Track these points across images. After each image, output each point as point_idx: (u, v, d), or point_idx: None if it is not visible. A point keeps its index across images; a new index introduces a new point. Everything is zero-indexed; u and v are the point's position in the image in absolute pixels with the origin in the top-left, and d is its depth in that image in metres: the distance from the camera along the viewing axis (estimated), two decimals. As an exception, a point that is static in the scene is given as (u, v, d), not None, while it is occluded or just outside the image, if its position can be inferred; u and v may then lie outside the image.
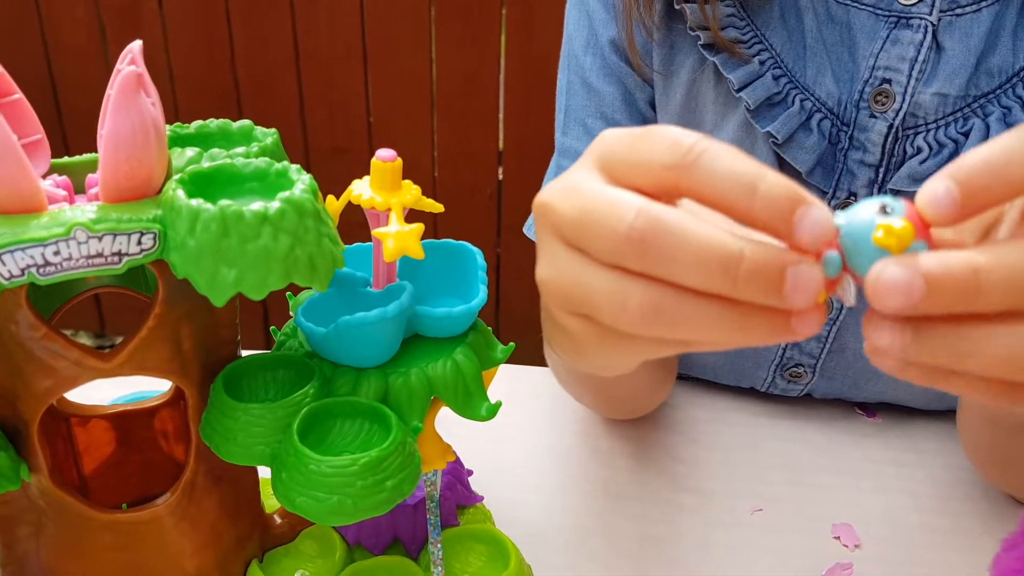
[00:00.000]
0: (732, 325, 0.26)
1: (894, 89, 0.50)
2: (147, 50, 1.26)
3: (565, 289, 0.28)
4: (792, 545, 0.50)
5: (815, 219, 0.24)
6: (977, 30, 0.49)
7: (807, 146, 0.52)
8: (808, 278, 0.24)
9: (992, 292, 0.23)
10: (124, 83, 0.31)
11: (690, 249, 0.25)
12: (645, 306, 0.26)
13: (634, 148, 0.27)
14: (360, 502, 0.34)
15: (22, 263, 0.30)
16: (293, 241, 0.32)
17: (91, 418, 0.44)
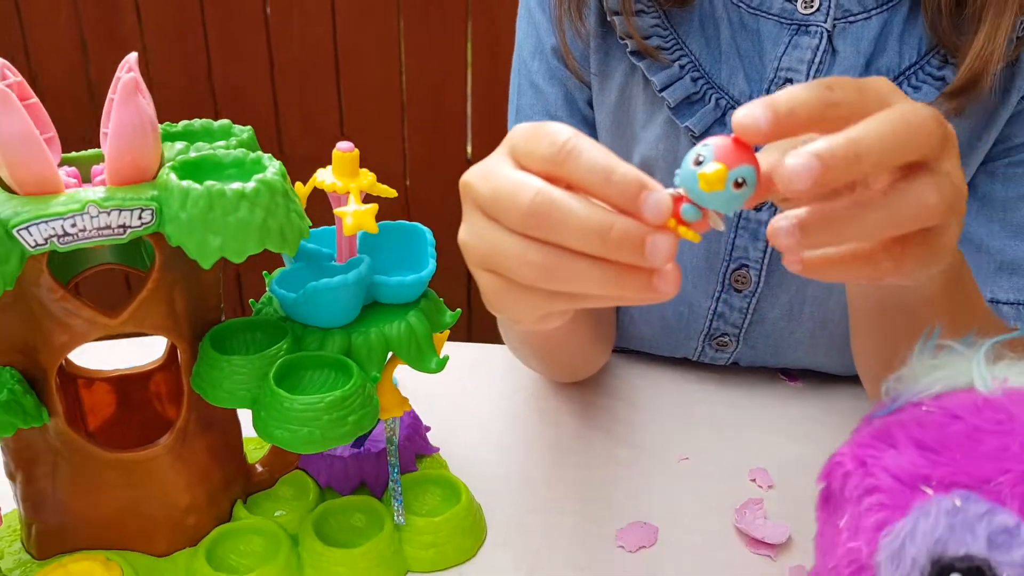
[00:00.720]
0: (608, 279, 0.33)
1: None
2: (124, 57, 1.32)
3: (481, 249, 0.36)
4: (713, 487, 0.57)
5: (654, 200, 0.31)
6: (867, 35, 0.57)
7: None
8: (662, 244, 0.32)
9: (869, 154, 0.30)
10: (125, 86, 0.38)
11: (575, 220, 0.32)
12: (542, 263, 0.33)
13: (528, 142, 0.34)
14: (327, 433, 0.41)
15: (45, 233, 0.37)
16: (266, 214, 0.39)
17: (95, 380, 0.50)
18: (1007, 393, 0.30)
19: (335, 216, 0.47)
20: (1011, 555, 0.26)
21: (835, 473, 0.31)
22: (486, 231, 0.35)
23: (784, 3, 0.58)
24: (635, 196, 0.32)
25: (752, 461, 0.59)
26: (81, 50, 1.79)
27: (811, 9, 0.57)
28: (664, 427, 0.62)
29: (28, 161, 0.37)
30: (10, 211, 0.37)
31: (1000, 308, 0.58)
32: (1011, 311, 0.58)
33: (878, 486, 0.29)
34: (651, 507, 0.54)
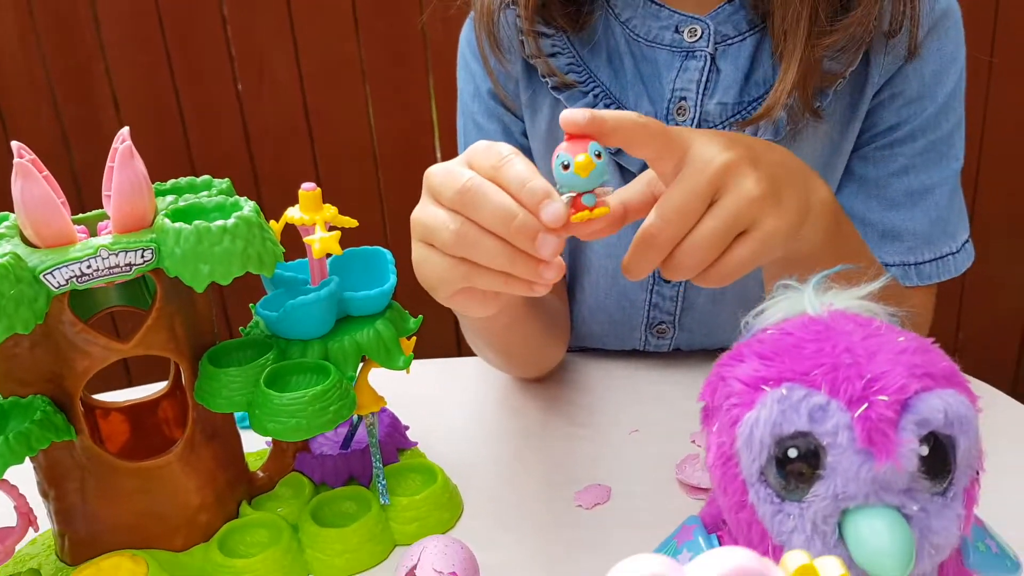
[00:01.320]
0: (504, 256, 0.43)
1: (688, 103, 0.67)
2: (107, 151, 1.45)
3: (423, 221, 0.46)
4: (659, 450, 0.64)
5: (552, 208, 0.42)
6: (743, 54, 0.67)
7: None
8: (550, 241, 0.42)
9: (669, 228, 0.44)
10: (123, 153, 0.47)
11: (490, 204, 0.42)
12: (457, 230, 0.43)
13: (480, 153, 0.45)
14: (312, 422, 0.49)
15: (66, 275, 0.45)
16: (245, 243, 0.47)
17: (111, 410, 0.58)
18: (830, 313, 0.39)
19: (304, 243, 0.55)
20: (825, 426, 0.34)
21: (707, 391, 0.39)
22: (429, 208, 0.46)
23: (674, 34, 0.68)
24: (538, 202, 0.42)
25: (693, 427, 0.66)
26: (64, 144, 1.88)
27: (695, 37, 0.67)
28: (617, 407, 0.71)
29: (49, 220, 0.46)
30: (36, 260, 0.45)
31: (890, 269, 0.67)
32: (899, 271, 0.67)
33: (733, 391, 0.37)
34: (605, 471, 0.62)
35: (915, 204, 0.67)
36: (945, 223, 0.67)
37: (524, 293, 0.45)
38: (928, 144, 0.66)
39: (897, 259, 0.67)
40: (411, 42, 1.75)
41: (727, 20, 0.67)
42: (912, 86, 0.66)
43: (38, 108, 1.87)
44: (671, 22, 0.68)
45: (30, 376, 0.49)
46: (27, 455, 0.46)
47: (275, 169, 1.89)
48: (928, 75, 0.66)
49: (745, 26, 0.67)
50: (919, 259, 0.67)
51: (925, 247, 0.67)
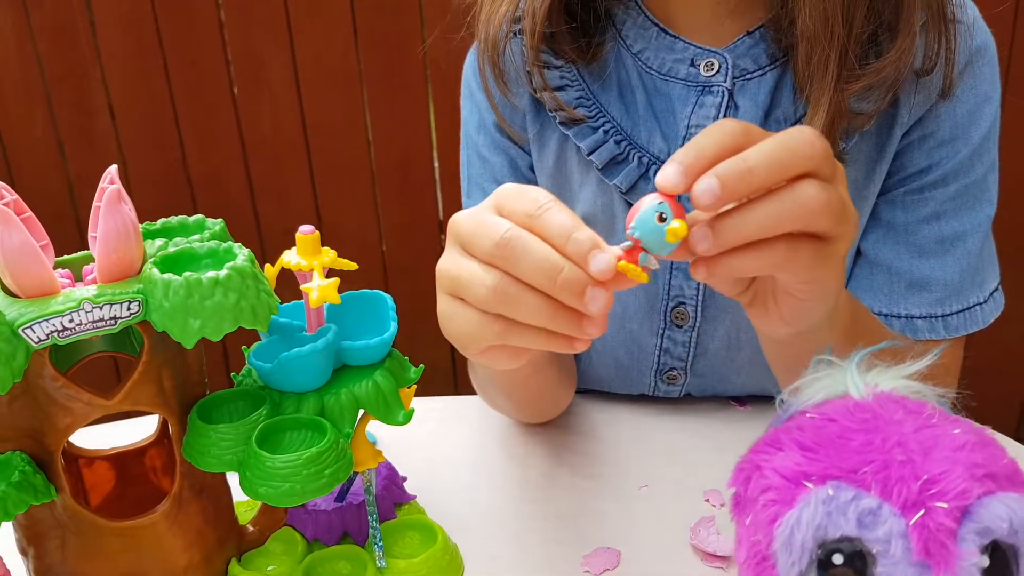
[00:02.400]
0: (548, 313, 0.39)
1: None
2: (104, 157, 1.45)
3: (452, 274, 0.42)
4: (671, 509, 0.61)
5: (602, 259, 0.38)
6: (763, 89, 0.64)
7: (648, 191, 0.66)
8: (600, 296, 0.38)
9: (758, 168, 0.37)
10: (109, 197, 0.44)
11: (532, 257, 0.39)
12: (495, 285, 0.40)
13: (512, 200, 0.41)
14: (306, 487, 0.46)
15: (47, 330, 0.42)
16: (239, 296, 0.44)
17: (95, 459, 0.55)
18: (876, 396, 0.36)
19: (302, 291, 0.52)
20: (876, 532, 0.31)
21: (739, 478, 0.36)
22: (459, 260, 0.42)
23: (689, 68, 0.65)
24: (586, 253, 0.38)
25: (706, 483, 0.64)
26: (59, 152, 1.85)
27: (712, 72, 0.64)
28: (624, 458, 0.67)
29: (28, 269, 0.42)
30: (15, 313, 0.42)
31: (915, 323, 0.64)
32: (925, 324, 0.64)
33: (770, 485, 0.34)
34: (614, 532, 0.59)
35: (946, 252, 0.64)
36: (975, 272, 0.64)
37: (563, 350, 0.41)
38: (961, 188, 0.64)
39: (925, 311, 0.64)
40: (410, 53, 1.72)
41: (746, 54, 0.64)
42: (944, 127, 0.63)
43: (33, 115, 1.84)
44: (686, 55, 0.65)
45: (8, 432, 0.46)
46: (4, 520, 0.42)
47: (271, 179, 1.86)
48: (962, 115, 0.63)
49: (765, 60, 0.64)
50: (947, 310, 0.64)
51: (954, 298, 0.64)
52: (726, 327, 0.69)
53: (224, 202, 1.86)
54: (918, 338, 0.64)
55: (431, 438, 0.71)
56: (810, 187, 0.38)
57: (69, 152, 1.86)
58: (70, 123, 1.84)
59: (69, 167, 1.87)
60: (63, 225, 1.90)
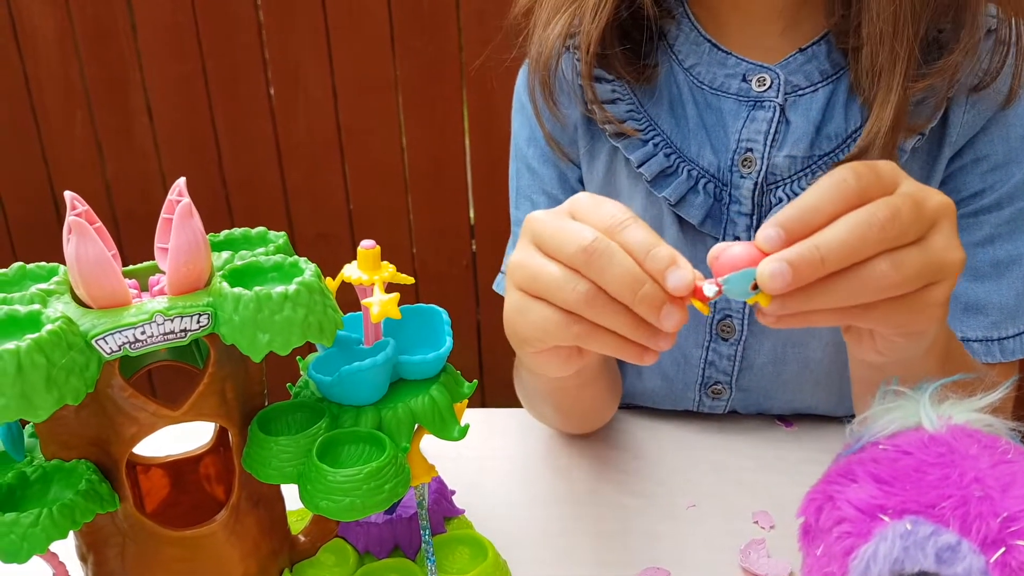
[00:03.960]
0: (627, 324, 0.41)
1: (755, 155, 0.65)
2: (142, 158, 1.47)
3: (529, 272, 0.43)
4: (719, 530, 0.61)
5: (679, 275, 0.39)
6: (815, 105, 0.64)
7: (696, 204, 0.66)
8: (676, 313, 0.40)
9: (831, 257, 0.37)
10: (182, 211, 0.44)
11: (619, 268, 0.40)
12: (586, 292, 0.41)
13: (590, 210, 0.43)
14: (366, 501, 0.46)
15: (119, 341, 0.43)
16: (307, 311, 0.45)
17: (151, 466, 0.55)
18: (950, 429, 0.35)
19: (362, 305, 0.53)
20: (955, 568, 0.31)
21: (810, 508, 0.36)
22: (537, 259, 0.43)
23: (741, 83, 0.65)
24: (664, 269, 0.39)
25: (754, 504, 0.63)
26: (98, 155, 1.88)
27: (764, 87, 0.64)
28: (671, 476, 0.67)
29: (102, 281, 0.43)
30: (88, 324, 0.43)
31: (971, 345, 0.64)
32: (980, 347, 0.64)
33: (845, 517, 0.34)
34: (663, 553, 0.59)
35: (1001, 276, 0.63)
36: None
37: (633, 360, 0.43)
38: (1016, 212, 0.63)
39: (980, 334, 0.64)
40: (446, 62, 1.73)
41: (798, 70, 0.64)
42: (998, 150, 0.62)
43: (73, 115, 1.87)
44: (738, 70, 0.65)
45: (75, 440, 0.46)
46: (71, 529, 0.43)
47: (305, 183, 1.87)
48: (1015, 138, 0.62)
49: (817, 76, 0.64)
50: (1003, 334, 0.64)
51: (1010, 322, 0.64)
52: (772, 342, 0.69)
53: (258, 204, 1.88)
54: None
55: (476, 451, 0.71)
56: (881, 264, 0.38)
57: (107, 153, 1.89)
58: (109, 124, 1.87)
59: (107, 168, 1.90)
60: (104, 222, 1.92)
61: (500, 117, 1.81)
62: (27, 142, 1.89)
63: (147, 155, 1.88)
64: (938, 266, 0.40)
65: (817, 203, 0.39)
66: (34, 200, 1.94)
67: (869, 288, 0.39)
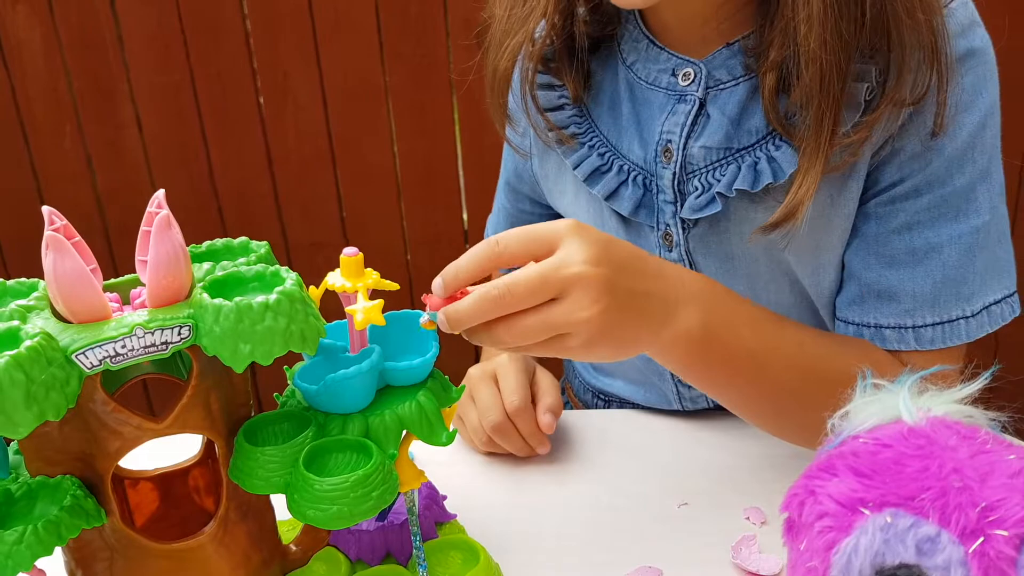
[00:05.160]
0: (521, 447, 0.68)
1: (672, 147, 0.66)
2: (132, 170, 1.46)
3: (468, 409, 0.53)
4: (711, 527, 0.61)
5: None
6: (733, 100, 0.65)
7: (626, 197, 0.69)
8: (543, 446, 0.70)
9: (464, 320, 0.51)
10: (160, 223, 0.44)
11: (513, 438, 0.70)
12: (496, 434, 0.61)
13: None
14: (354, 509, 0.46)
15: (100, 356, 0.42)
16: (288, 321, 0.45)
17: (140, 480, 0.55)
18: (929, 421, 0.35)
19: (346, 313, 0.53)
20: (935, 559, 0.31)
21: (793, 503, 0.36)
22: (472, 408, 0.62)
23: (670, 78, 0.67)
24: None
25: (745, 501, 0.63)
26: (88, 167, 1.87)
27: (688, 81, 0.66)
28: (663, 475, 0.67)
29: (81, 296, 0.43)
30: (68, 339, 0.43)
31: (884, 332, 0.63)
32: (893, 334, 0.63)
33: (826, 511, 0.34)
34: (655, 551, 0.59)
35: (917, 263, 0.62)
36: (958, 284, 0.62)
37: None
38: (936, 200, 0.62)
39: (892, 321, 0.63)
40: (436, 67, 1.73)
41: (722, 65, 0.65)
42: (913, 141, 0.61)
43: (62, 127, 1.87)
44: (669, 65, 0.68)
45: (59, 456, 0.46)
46: (57, 545, 0.43)
47: (297, 192, 1.87)
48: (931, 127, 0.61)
49: (740, 71, 0.65)
50: (919, 322, 0.62)
51: (927, 310, 0.62)
52: None
53: (250, 214, 1.88)
54: (887, 348, 0.63)
55: (465, 455, 0.71)
56: (499, 328, 0.51)
57: (97, 165, 1.88)
58: (98, 136, 1.86)
59: (97, 180, 1.89)
60: (92, 238, 1.92)
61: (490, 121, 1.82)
62: (16, 155, 1.89)
63: (137, 167, 1.87)
64: (556, 325, 0.50)
65: (463, 265, 0.52)
66: (23, 214, 1.93)
67: (500, 341, 0.51)
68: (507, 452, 0.71)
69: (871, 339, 0.64)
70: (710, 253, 0.69)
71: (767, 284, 0.69)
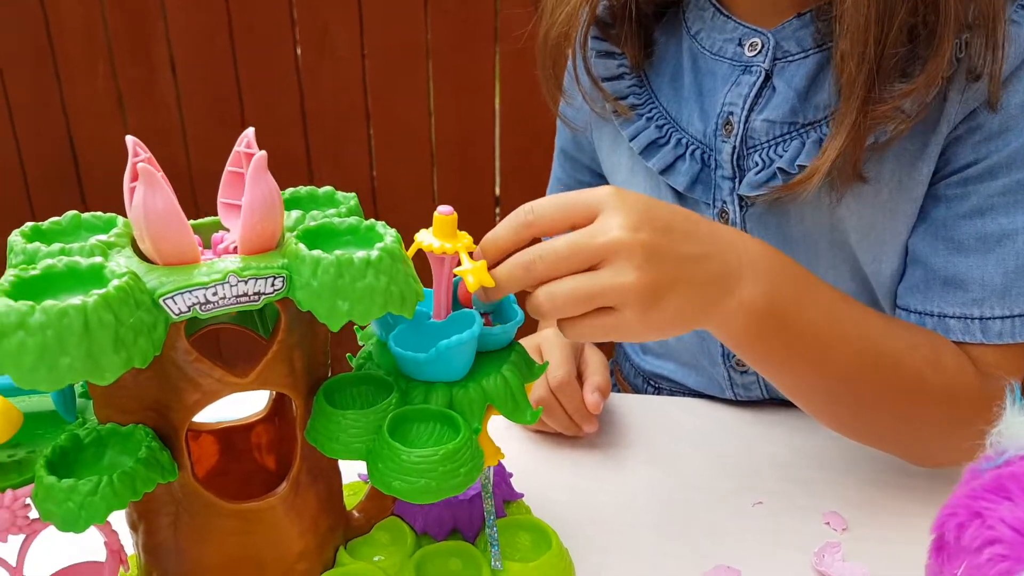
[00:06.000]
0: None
1: (734, 119, 0.63)
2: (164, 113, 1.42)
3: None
4: (789, 530, 0.58)
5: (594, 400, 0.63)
6: (801, 72, 0.62)
7: (682, 171, 0.67)
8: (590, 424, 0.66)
9: (503, 288, 0.48)
10: (257, 164, 0.41)
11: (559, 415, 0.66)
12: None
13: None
14: (442, 484, 0.43)
15: (189, 302, 0.39)
16: (389, 280, 0.41)
17: (202, 432, 0.53)
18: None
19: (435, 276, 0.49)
20: None
21: (949, 523, 0.33)
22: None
23: (736, 48, 0.65)
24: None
25: (822, 504, 0.61)
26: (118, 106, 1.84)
27: (754, 52, 0.63)
28: (734, 469, 0.64)
29: (172, 236, 0.40)
30: (155, 282, 0.40)
31: (948, 322, 0.60)
32: (958, 324, 0.60)
33: (998, 537, 0.31)
34: (732, 551, 0.56)
35: (988, 251, 0.58)
36: None
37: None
38: (1014, 183, 0.58)
39: (959, 311, 0.59)
40: (481, 27, 1.69)
41: (792, 35, 0.62)
42: (993, 120, 0.58)
43: (95, 67, 1.83)
44: (735, 35, 0.65)
45: (132, 404, 0.43)
46: (131, 499, 0.40)
47: (328, 147, 1.84)
48: (1015, 106, 0.57)
49: (810, 42, 0.62)
50: (987, 314, 0.58)
51: (996, 301, 0.58)
52: None
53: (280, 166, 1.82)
54: (950, 339, 0.60)
55: (516, 431, 0.68)
56: (538, 295, 0.48)
57: (129, 106, 1.85)
58: (131, 77, 1.83)
59: (128, 120, 1.86)
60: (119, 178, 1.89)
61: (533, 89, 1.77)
62: (47, 93, 1.85)
63: (168, 110, 1.84)
64: (597, 293, 0.46)
65: (500, 234, 0.48)
66: (52, 151, 1.90)
67: (542, 312, 0.48)
68: (554, 431, 0.68)
69: (933, 328, 0.61)
70: (768, 234, 0.65)
71: (827, 270, 0.66)
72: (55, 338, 0.35)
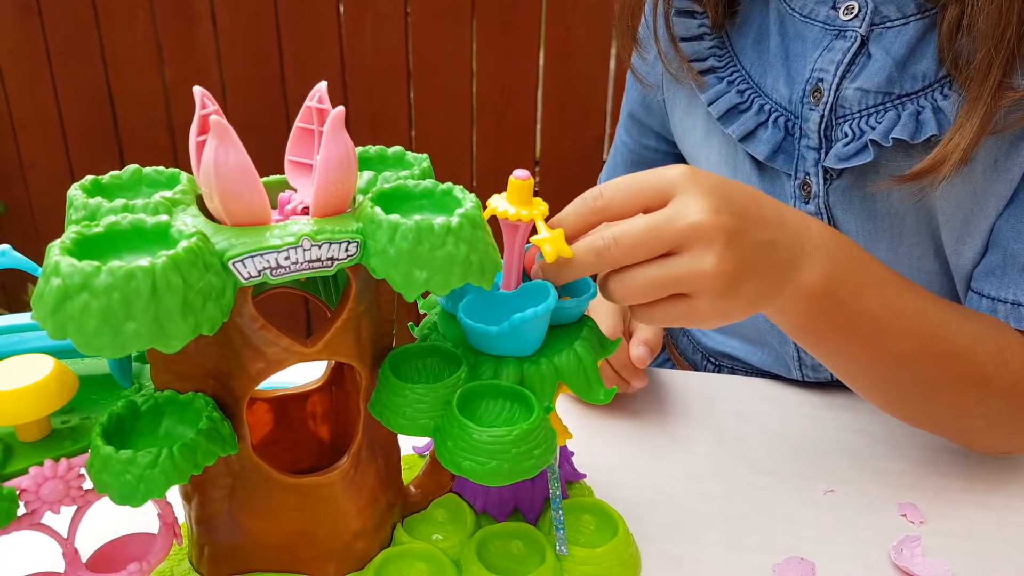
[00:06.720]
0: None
1: (824, 86, 0.60)
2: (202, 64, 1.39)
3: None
4: (863, 521, 0.55)
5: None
6: (901, 39, 0.58)
7: (763, 139, 0.63)
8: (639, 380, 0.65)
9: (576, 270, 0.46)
10: (334, 121, 0.38)
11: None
12: None
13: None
14: (514, 466, 0.41)
15: (260, 266, 0.37)
16: (469, 249, 0.39)
17: (256, 400, 0.51)
18: None
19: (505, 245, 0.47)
20: None
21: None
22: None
23: (829, 11, 0.61)
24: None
25: (897, 495, 0.58)
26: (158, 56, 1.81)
27: (850, 15, 0.59)
28: (804, 454, 0.62)
29: (243, 195, 0.37)
30: (224, 243, 0.37)
31: (1021, 311, 0.56)
32: None
33: None
34: (804, 541, 0.53)
35: None
36: None
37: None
38: None
39: None
40: (528, -12, 1.64)
41: (892, 0, 0.58)
42: None
43: (135, 14, 1.80)
44: None
45: (192, 371, 0.41)
46: (192, 473, 0.38)
47: (367, 104, 1.81)
48: None
49: (912, 9, 0.57)
50: None
51: None
52: None
53: (319, 124, 1.81)
54: (1021, 328, 0.56)
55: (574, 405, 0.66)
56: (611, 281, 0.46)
57: (168, 57, 1.83)
58: (171, 28, 1.80)
59: (166, 71, 1.84)
60: (157, 131, 1.87)
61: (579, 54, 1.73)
62: (87, 42, 1.83)
63: (208, 62, 1.81)
64: (674, 281, 0.44)
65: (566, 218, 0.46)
66: (90, 101, 1.88)
67: (612, 298, 0.46)
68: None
69: (1005, 317, 0.57)
70: (851, 209, 0.62)
71: (911, 248, 0.62)
72: (121, 301, 0.33)
